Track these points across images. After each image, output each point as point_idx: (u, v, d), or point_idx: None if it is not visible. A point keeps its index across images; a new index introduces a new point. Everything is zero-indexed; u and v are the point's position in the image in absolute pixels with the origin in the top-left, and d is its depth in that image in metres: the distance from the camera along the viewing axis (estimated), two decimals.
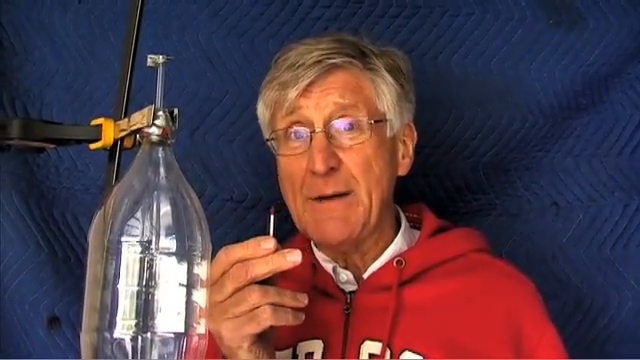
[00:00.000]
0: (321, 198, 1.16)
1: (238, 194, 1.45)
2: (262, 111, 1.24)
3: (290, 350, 1.15)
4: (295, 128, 1.18)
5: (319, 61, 1.17)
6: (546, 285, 1.29)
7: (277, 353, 1.13)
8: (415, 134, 1.26)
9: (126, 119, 0.80)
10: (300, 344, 1.15)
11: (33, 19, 1.46)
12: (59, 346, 1.41)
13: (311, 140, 1.16)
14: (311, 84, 1.16)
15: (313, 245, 1.26)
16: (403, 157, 1.25)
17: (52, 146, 0.85)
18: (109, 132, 0.81)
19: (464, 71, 1.46)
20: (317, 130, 1.16)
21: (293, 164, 1.18)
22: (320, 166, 1.14)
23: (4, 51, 1.45)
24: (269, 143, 1.23)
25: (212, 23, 1.46)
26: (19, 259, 1.41)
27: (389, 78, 1.21)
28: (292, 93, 1.16)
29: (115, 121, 0.82)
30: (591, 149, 1.47)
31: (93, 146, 0.83)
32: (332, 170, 1.15)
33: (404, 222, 1.27)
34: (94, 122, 0.83)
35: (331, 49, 1.19)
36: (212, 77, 1.46)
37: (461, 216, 1.47)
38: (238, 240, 1.45)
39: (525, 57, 1.46)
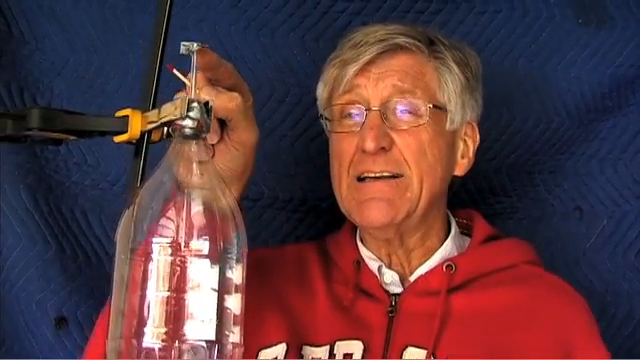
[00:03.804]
0: (367, 178, 1.12)
1: (254, 192, 1.40)
2: (321, 89, 1.21)
3: (327, 347, 1.11)
4: (351, 106, 1.15)
5: (383, 39, 1.14)
6: None
7: (314, 349, 1.11)
8: (478, 136, 1.22)
9: (155, 110, 0.76)
10: (339, 343, 1.11)
11: (44, 7, 1.40)
12: (66, 347, 1.36)
13: (365, 118, 1.13)
14: (371, 63, 1.14)
15: (359, 241, 1.21)
16: (462, 157, 1.20)
17: (73, 138, 0.81)
18: (136, 124, 0.76)
19: (490, 70, 1.41)
20: (373, 108, 1.13)
21: (344, 142, 1.15)
22: (370, 143, 1.10)
23: (13, 39, 1.40)
24: (322, 121, 1.20)
25: (231, 14, 1.41)
26: (26, 256, 1.36)
27: (455, 69, 1.17)
28: (351, 69, 1.14)
29: (142, 112, 0.77)
30: (616, 152, 1.43)
31: (118, 139, 0.78)
32: (382, 150, 1.11)
33: (454, 226, 1.22)
34: (119, 113, 0.78)
35: (398, 30, 1.16)
36: None
37: None
38: (254, 240, 1.42)
39: (552, 57, 1.42)
